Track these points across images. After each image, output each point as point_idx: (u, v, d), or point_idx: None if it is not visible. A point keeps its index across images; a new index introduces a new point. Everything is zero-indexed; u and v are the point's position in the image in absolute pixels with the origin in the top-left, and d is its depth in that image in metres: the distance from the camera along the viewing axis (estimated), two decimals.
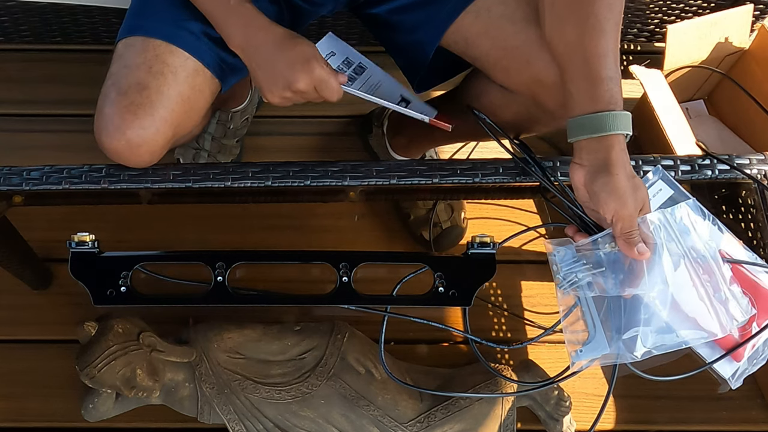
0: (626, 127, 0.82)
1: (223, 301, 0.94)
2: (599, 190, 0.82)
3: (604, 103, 0.82)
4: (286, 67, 0.89)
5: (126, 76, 0.91)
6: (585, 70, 0.83)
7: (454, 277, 0.94)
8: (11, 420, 1.23)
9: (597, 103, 0.82)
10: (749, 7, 1.37)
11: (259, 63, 0.91)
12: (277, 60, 0.90)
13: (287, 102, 0.92)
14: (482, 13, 0.95)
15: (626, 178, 0.81)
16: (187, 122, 0.97)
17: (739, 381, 0.87)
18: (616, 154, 0.81)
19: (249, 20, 0.91)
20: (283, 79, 0.90)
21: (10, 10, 1.43)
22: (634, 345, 0.81)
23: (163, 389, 1.12)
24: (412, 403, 1.14)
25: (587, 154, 0.83)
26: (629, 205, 0.81)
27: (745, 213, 1.06)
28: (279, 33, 0.91)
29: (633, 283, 0.82)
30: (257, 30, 0.91)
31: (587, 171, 0.83)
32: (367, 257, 0.96)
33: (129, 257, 0.95)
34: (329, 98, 0.92)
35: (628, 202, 0.81)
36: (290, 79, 0.89)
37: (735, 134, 1.47)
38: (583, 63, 0.83)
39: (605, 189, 0.81)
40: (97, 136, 0.92)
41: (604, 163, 0.82)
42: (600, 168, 0.82)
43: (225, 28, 0.91)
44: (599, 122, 0.81)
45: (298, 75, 0.89)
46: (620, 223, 0.81)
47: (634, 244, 0.81)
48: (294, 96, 0.91)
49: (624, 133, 0.82)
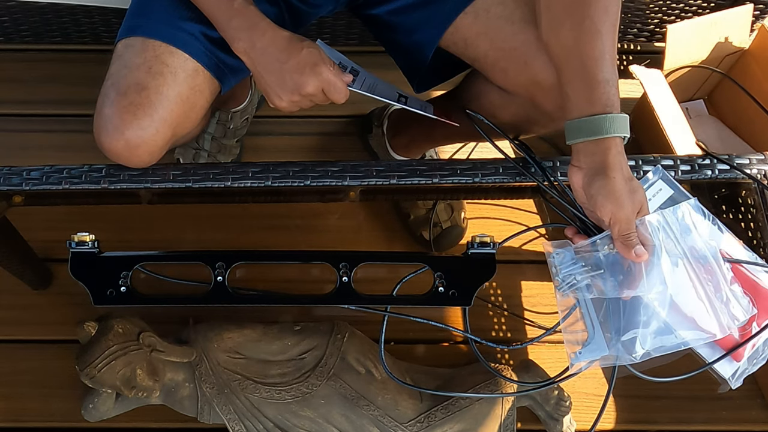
0: (623, 130, 0.82)
1: (223, 301, 0.94)
2: (596, 193, 0.82)
3: (600, 106, 0.82)
4: (294, 71, 0.88)
5: (125, 77, 0.91)
6: (581, 72, 0.83)
7: (454, 277, 0.94)
8: (11, 420, 1.23)
9: (594, 105, 0.82)
10: (749, 7, 1.37)
11: (266, 67, 0.90)
12: (284, 64, 0.88)
13: (295, 107, 0.92)
14: (481, 14, 0.95)
15: (623, 181, 0.81)
16: (187, 123, 0.97)
17: (739, 381, 0.87)
18: (613, 157, 0.81)
19: (253, 23, 0.90)
20: (292, 83, 0.89)
21: (10, 10, 1.43)
22: (633, 347, 0.81)
23: (163, 389, 1.12)
24: (412, 403, 1.14)
25: (585, 156, 0.83)
26: (626, 207, 0.81)
27: (745, 213, 1.06)
28: (284, 36, 0.90)
29: (632, 285, 0.82)
30: (262, 33, 0.89)
31: (585, 174, 0.83)
32: (367, 257, 0.96)
33: (129, 257, 0.95)
34: (337, 100, 0.91)
35: (625, 204, 0.81)
36: (299, 83, 0.88)
37: (735, 134, 1.47)
38: (579, 65, 0.83)
39: (602, 192, 0.81)
40: (97, 136, 0.92)
41: (601, 166, 0.82)
42: (597, 171, 0.82)
43: (228, 30, 0.90)
44: (596, 125, 0.81)
45: (306, 78, 0.88)
46: (617, 226, 0.81)
47: (632, 246, 0.81)
48: (302, 100, 0.91)
49: (621, 135, 0.82)
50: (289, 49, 0.89)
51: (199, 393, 1.11)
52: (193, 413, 1.13)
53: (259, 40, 0.89)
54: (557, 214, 0.94)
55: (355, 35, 1.51)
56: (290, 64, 0.88)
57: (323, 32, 1.50)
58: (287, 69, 0.88)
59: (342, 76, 0.91)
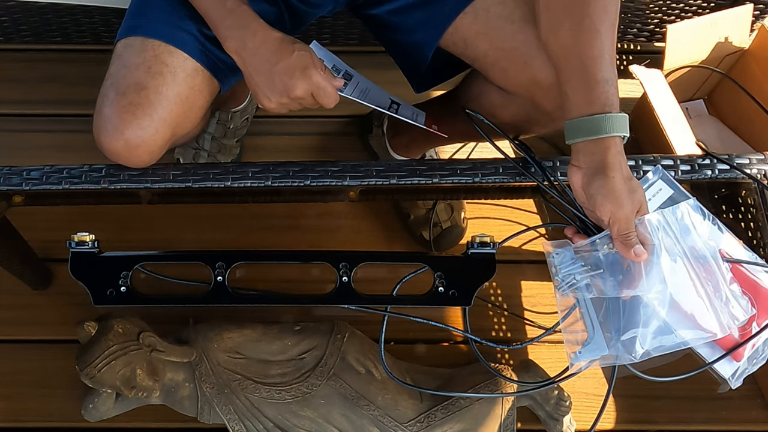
0: (623, 129, 0.82)
1: (223, 301, 0.94)
2: (596, 192, 0.82)
3: (599, 105, 0.82)
4: (284, 73, 0.88)
5: (125, 77, 0.91)
6: (580, 72, 0.83)
7: (454, 277, 0.94)
8: (11, 420, 1.23)
9: (593, 105, 0.82)
10: (749, 7, 1.37)
11: (256, 68, 0.89)
12: (274, 66, 0.88)
13: (283, 109, 0.91)
14: (481, 14, 0.95)
15: (623, 181, 0.81)
16: (186, 122, 0.97)
17: (739, 381, 0.87)
18: (613, 156, 0.81)
19: (245, 23, 0.89)
20: (281, 85, 0.88)
21: (10, 10, 1.43)
22: (633, 346, 0.81)
23: (163, 389, 1.12)
24: (412, 402, 1.14)
25: (584, 156, 0.83)
26: (625, 207, 0.81)
27: (745, 213, 1.06)
28: (276, 37, 0.90)
29: (631, 284, 0.82)
30: (253, 33, 0.89)
31: (584, 173, 0.83)
32: (367, 257, 0.96)
33: (129, 257, 0.95)
34: (326, 105, 0.91)
35: (625, 204, 0.81)
36: (288, 86, 0.88)
37: (735, 134, 1.47)
38: (578, 65, 0.83)
39: (601, 191, 0.81)
40: (96, 136, 0.92)
41: (600, 166, 0.82)
42: (596, 170, 0.82)
43: (220, 30, 0.90)
44: (595, 124, 0.81)
45: (296, 82, 0.88)
46: (617, 225, 0.81)
47: (631, 246, 0.81)
48: (290, 102, 0.90)
49: (620, 135, 0.82)
50: (280, 51, 0.89)
51: (199, 393, 1.11)
52: (193, 413, 1.13)
53: (251, 41, 0.89)
54: (557, 213, 0.94)
55: (355, 35, 1.51)
56: (280, 66, 0.88)
57: (323, 32, 1.50)
58: (277, 71, 0.88)
59: (333, 81, 0.90)
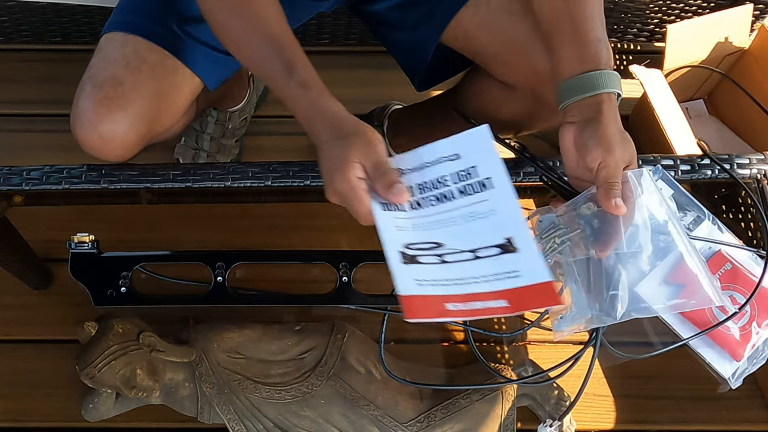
0: (617, 86, 0.80)
1: (223, 301, 0.94)
2: (588, 138, 0.79)
3: (593, 63, 0.80)
4: (327, 166, 0.78)
5: (103, 70, 0.91)
6: (572, 33, 0.82)
7: None
8: (11, 420, 1.23)
9: (586, 63, 0.81)
10: (749, 7, 1.37)
11: (318, 148, 0.80)
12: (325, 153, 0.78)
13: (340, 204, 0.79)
14: (481, 7, 0.96)
15: (616, 129, 0.79)
16: (165, 119, 0.96)
17: (739, 381, 0.87)
18: (607, 106, 0.80)
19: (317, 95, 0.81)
20: (326, 178, 0.78)
21: (10, 10, 1.43)
22: (614, 306, 0.78)
23: (163, 389, 1.12)
24: (413, 402, 1.14)
25: (578, 111, 0.81)
26: (616, 153, 0.78)
27: (745, 213, 1.06)
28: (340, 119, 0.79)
29: (609, 242, 0.78)
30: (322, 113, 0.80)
31: (577, 126, 0.81)
32: (367, 257, 0.96)
33: (129, 257, 0.95)
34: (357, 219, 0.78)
35: (616, 150, 0.78)
36: (326, 182, 0.78)
37: (735, 134, 1.47)
38: (570, 26, 0.83)
39: (594, 137, 0.78)
40: (72, 128, 0.92)
41: (594, 116, 0.80)
42: (590, 120, 0.80)
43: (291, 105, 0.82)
44: (588, 81, 0.80)
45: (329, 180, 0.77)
46: (605, 170, 0.78)
47: (614, 196, 0.77)
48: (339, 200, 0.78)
49: (615, 91, 0.80)
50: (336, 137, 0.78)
51: (199, 393, 1.11)
52: (193, 413, 1.13)
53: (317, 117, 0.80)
54: None
55: (355, 35, 1.50)
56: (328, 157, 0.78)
57: (323, 32, 1.50)
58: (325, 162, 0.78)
59: (365, 200, 0.76)
